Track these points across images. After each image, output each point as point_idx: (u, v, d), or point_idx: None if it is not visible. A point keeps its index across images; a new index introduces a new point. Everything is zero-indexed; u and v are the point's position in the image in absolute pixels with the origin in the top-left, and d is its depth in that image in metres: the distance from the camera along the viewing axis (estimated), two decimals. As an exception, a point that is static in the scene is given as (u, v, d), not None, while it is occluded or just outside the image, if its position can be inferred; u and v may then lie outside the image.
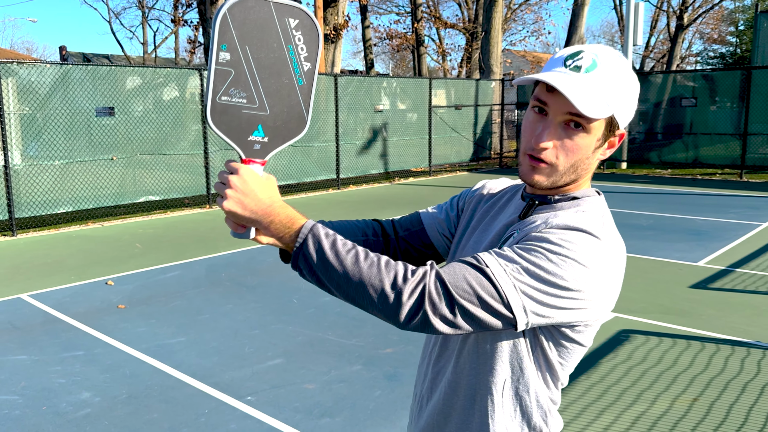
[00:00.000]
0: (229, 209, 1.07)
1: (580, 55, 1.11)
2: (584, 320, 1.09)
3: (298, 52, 1.11)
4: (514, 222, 1.19)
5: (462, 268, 1.04)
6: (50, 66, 8.51)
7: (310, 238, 1.06)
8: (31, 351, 4.26)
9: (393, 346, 4.27)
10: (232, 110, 1.08)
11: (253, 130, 1.11)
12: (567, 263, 1.02)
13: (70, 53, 30.12)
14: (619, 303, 5.16)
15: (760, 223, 8.44)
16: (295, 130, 1.14)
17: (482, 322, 1.03)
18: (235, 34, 1.06)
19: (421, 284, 1.02)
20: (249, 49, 1.07)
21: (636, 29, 15.88)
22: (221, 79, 1.07)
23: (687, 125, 15.20)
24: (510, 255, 1.04)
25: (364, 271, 1.03)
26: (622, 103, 1.11)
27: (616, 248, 1.09)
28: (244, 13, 1.06)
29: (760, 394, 3.54)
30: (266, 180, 1.10)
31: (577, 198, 1.16)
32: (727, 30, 35.87)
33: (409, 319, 1.02)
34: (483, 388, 1.16)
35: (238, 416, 3.37)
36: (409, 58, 37.23)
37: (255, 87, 1.09)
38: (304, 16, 1.10)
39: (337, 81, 12.24)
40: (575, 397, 3.55)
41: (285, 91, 1.11)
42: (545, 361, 1.14)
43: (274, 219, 1.07)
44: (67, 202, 8.81)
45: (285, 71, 1.10)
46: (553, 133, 1.11)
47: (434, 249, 1.39)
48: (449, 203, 1.40)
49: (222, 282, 5.87)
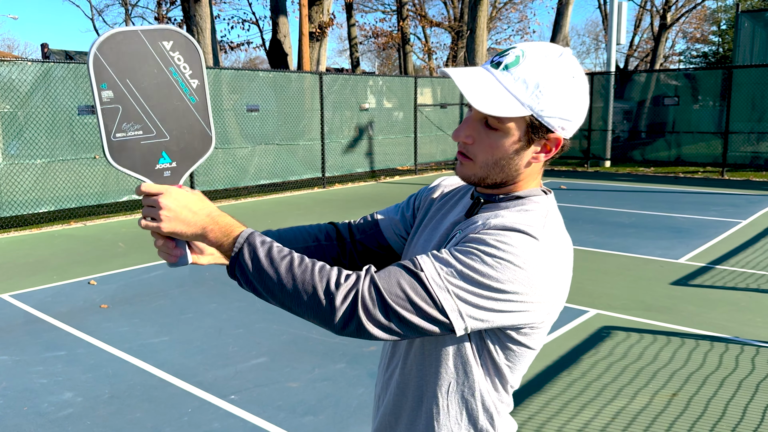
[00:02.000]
0: (171, 230, 1.06)
1: (507, 52, 1.09)
2: (528, 323, 1.06)
3: (181, 72, 1.10)
4: (460, 221, 1.18)
5: (397, 272, 1.02)
6: (32, 63, 8.42)
7: (246, 246, 1.05)
8: (12, 351, 4.23)
9: (376, 345, 4.29)
10: (130, 144, 1.08)
11: (159, 158, 1.11)
12: (502, 265, 1.00)
13: (52, 51, 29.77)
14: (600, 300, 5.22)
15: (740, 221, 8.55)
16: (202, 148, 1.14)
17: (418, 328, 1.01)
18: (111, 71, 1.05)
19: (354, 290, 1.00)
20: (130, 82, 1.07)
21: (619, 28, 16.01)
22: (111, 118, 1.06)
23: (670, 124, 15.36)
24: (446, 258, 1.02)
25: (298, 277, 1.02)
26: (548, 104, 1.06)
27: (556, 248, 1.06)
28: (115, 47, 1.05)
29: (737, 388, 3.60)
30: (193, 193, 1.09)
31: (521, 197, 1.13)
32: (710, 29, 36.25)
33: (343, 325, 1.01)
34: (429, 391, 1.15)
35: (221, 415, 3.37)
36: (395, 56, 37.25)
37: (147, 116, 1.09)
38: (177, 36, 1.09)
39: (323, 79, 12.22)
40: (556, 393, 3.59)
41: (179, 113, 1.11)
42: (493, 364, 1.12)
43: (213, 228, 1.07)
44: (49, 202, 8.73)
45: (173, 93, 1.10)
46: (471, 127, 1.11)
47: (392, 250, 1.37)
48: (406, 203, 1.39)
49: (206, 281, 5.86)
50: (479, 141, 1.11)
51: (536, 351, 1.15)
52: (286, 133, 11.85)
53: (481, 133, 1.10)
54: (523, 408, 3.42)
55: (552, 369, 3.91)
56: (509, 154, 1.10)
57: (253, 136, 11.26)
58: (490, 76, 1.08)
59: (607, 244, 7.24)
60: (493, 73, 1.08)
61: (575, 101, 1.08)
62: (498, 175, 1.12)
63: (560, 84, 1.06)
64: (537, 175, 1.16)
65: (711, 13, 34.90)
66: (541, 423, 3.27)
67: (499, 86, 1.06)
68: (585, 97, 1.10)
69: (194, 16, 12.63)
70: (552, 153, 1.12)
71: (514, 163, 1.11)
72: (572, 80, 1.07)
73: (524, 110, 1.05)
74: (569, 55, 1.08)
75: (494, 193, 1.16)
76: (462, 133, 1.12)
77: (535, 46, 1.09)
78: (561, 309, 1.13)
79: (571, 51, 1.10)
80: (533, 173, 1.14)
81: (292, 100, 11.90)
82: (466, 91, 1.05)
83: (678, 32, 36.53)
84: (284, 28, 15.76)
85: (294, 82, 11.99)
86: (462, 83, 1.06)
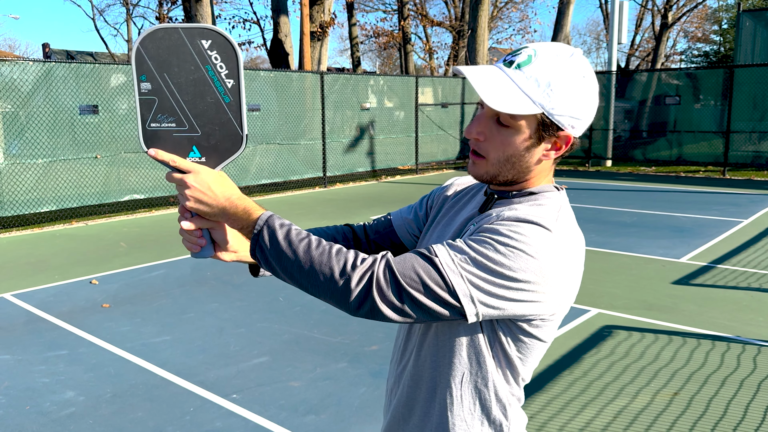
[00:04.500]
0: (193, 207, 1.12)
1: (520, 51, 1.11)
2: (539, 314, 1.08)
3: (217, 71, 1.13)
4: (474, 216, 1.20)
5: (412, 258, 1.05)
6: (33, 63, 8.43)
7: (266, 228, 1.09)
8: (14, 351, 4.24)
9: (378, 344, 4.29)
10: (163, 135, 1.14)
11: (189, 152, 1.16)
12: (515, 254, 1.02)
13: (54, 51, 29.82)
14: (602, 299, 5.22)
15: (741, 220, 8.55)
16: (232, 147, 1.17)
17: (430, 310, 1.04)
18: (151, 65, 1.12)
19: (369, 271, 1.04)
20: (168, 76, 1.12)
21: (621, 28, 16.00)
22: (147, 108, 1.13)
23: (671, 123, 15.36)
24: (460, 246, 1.05)
25: (315, 258, 1.06)
26: (559, 102, 1.08)
27: (569, 242, 1.08)
28: (156, 43, 1.11)
29: (738, 388, 3.60)
30: (219, 175, 1.14)
31: (534, 193, 1.16)
32: (711, 29, 36.21)
33: (358, 305, 1.04)
34: (442, 381, 1.17)
35: (223, 414, 3.37)
36: (396, 56, 37.23)
37: (181, 110, 1.14)
38: (215, 36, 1.12)
39: (324, 79, 12.22)
40: (558, 392, 3.59)
41: (212, 111, 1.15)
42: (504, 356, 1.14)
43: (236, 211, 1.12)
44: (50, 201, 8.73)
45: (208, 91, 1.14)
46: (483, 124, 1.13)
47: (405, 248, 1.41)
48: (419, 203, 1.42)
49: (207, 280, 5.86)
50: (491, 138, 1.13)
51: (547, 344, 1.17)
52: (287, 132, 11.85)
53: (493, 130, 1.12)
54: (524, 407, 3.42)
55: (554, 368, 3.91)
56: (520, 151, 1.12)
57: (254, 136, 11.26)
58: (503, 74, 1.10)
59: (608, 244, 7.24)
60: (506, 71, 1.10)
61: (585, 100, 1.10)
62: (509, 172, 1.14)
63: (571, 83, 1.08)
64: (548, 172, 1.18)
65: (712, 13, 34.87)
66: (542, 422, 3.27)
67: (511, 84, 1.08)
68: (595, 97, 1.12)
69: (195, 16, 12.63)
70: (562, 150, 1.14)
71: (525, 160, 1.13)
72: (582, 80, 1.09)
73: (535, 108, 1.08)
74: (580, 55, 1.10)
75: (507, 190, 1.18)
76: (474, 129, 1.14)
77: (547, 46, 1.11)
78: (572, 302, 1.14)
79: (582, 51, 1.12)
80: (544, 170, 1.17)
81: (293, 99, 11.90)
82: (480, 88, 1.07)
83: (679, 31, 36.51)
84: (285, 28, 15.77)
85: (295, 81, 11.99)
86: (475, 80, 1.08)
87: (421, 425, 1.21)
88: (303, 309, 5.01)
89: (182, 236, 1.18)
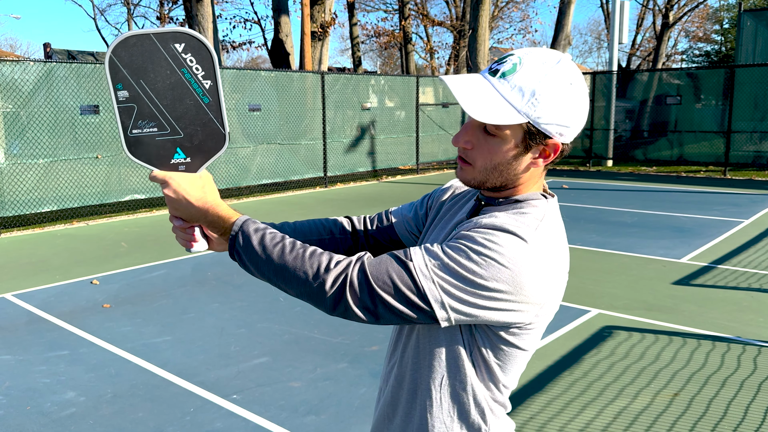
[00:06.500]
0: (175, 215, 1.18)
1: (505, 60, 1.10)
2: (514, 322, 1.08)
3: (194, 73, 1.15)
4: (462, 221, 1.21)
5: (387, 261, 1.07)
6: (34, 63, 8.44)
7: (240, 234, 1.13)
8: (15, 351, 4.24)
9: (378, 344, 4.30)
10: (145, 140, 1.16)
11: (174, 154, 1.18)
12: (487, 263, 1.02)
13: (55, 50, 29.82)
14: (602, 299, 5.22)
15: (742, 220, 8.54)
16: (216, 146, 1.19)
17: (402, 314, 1.05)
18: (126, 72, 1.13)
19: (343, 274, 1.06)
20: (144, 82, 1.13)
21: (622, 27, 15.99)
22: (127, 115, 1.15)
23: (672, 123, 15.35)
24: (436, 251, 1.06)
25: (289, 263, 1.09)
26: (545, 111, 1.07)
27: (546, 252, 1.07)
28: (129, 50, 1.12)
29: (739, 388, 3.60)
30: (198, 179, 1.17)
31: (519, 201, 1.15)
32: (712, 28, 36.19)
33: (333, 306, 1.07)
34: (423, 383, 1.18)
35: (223, 414, 3.37)
36: (397, 55, 37.23)
37: (162, 115, 1.15)
38: (188, 39, 1.13)
39: (324, 78, 12.22)
40: (558, 392, 3.59)
41: (193, 112, 1.16)
42: (483, 362, 1.14)
43: (212, 217, 1.16)
44: (51, 201, 8.74)
45: (187, 94, 1.15)
46: (470, 133, 1.13)
47: (403, 245, 1.42)
48: (420, 201, 1.43)
49: (208, 281, 5.87)
50: (478, 146, 1.13)
51: (528, 352, 1.16)
52: (288, 132, 11.86)
53: (480, 139, 1.13)
54: (524, 408, 3.42)
55: (553, 369, 3.91)
56: (507, 159, 1.12)
57: (255, 136, 11.27)
58: (487, 84, 1.10)
59: (608, 244, 7.23)
60: (491, 80, 1.10)
61: (573, 107, 1.09)
62: (497, 179, 1.14)
63: (557, 91, 1.07)
64: (538, 179, 1.17)
65: (713, 12, 34.85)
66: (542, 423, 3.27)
67: (495, 94, 1.08)
68: (584, 103, 1.11)
69: (196, 16, 12.63)
70: (551, 158, 1.14)
71: (512, 168, 1.13)
72: (570, 87, 1.08)
73: (520, 118, 1.07)
74: (568, 61, 1.09)
75: (495, 196, 1.18)
76: (461, 138, 1.15)
77: (533, 54, 1.09)
78: (553, 312, 1.14)
79: (570, 57, 1.10)
80: (533, 177, 1.16)
81: (294, 99, 11.90)
82: (462, 99, 1.07)
83: (680, 31, 36.47)
84: (286, 28, 15.77)
85: (296, 81, 11.99)
86: (458, 91, 1.08)
87: (404, 425, 1.22)
88: (303, 309, 5.02)
89: (175, 233, 1.22)
